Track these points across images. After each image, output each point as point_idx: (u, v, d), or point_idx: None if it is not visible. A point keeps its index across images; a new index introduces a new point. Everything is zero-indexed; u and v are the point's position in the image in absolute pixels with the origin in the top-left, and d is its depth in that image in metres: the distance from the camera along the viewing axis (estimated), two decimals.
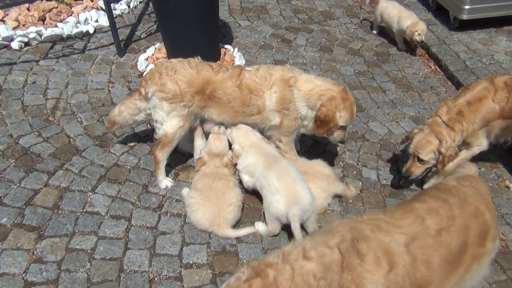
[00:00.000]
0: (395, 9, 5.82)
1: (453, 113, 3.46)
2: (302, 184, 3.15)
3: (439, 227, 2.19)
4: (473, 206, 2.35)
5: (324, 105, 3.31)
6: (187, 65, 3.37)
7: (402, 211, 2.28)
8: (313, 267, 1.94)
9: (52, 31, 5.24)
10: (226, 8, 6.35)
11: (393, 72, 5.40)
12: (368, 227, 2.14)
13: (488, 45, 5.74)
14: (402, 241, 2.08)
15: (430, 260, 2.08)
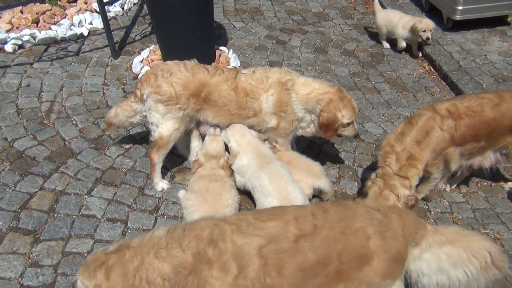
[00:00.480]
0: (396, 15, 5.74)
1: (403, 159, 3.16)
2: (293, 186, 3.16)
3: (300, 233, 2.06)
4: (357, 226, 2.12)
5: (324, 110, 3.34)
6: (183, 67, 3.37)
7: (272, 213, 2.18)
8: (161, 267, 1.95)
9: (46, 34, 5.22)
10: (220, 10, 6.36)
11: (388, 73, 5.43)
12: (230, 227, 2.07)
13: (481, 45, 5.78)
14: (256, 244, 2.00)
15: (282, 265, 2.00)
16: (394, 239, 2.12)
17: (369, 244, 2.06)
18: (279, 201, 3.05)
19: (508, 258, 2.46)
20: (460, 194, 3.90)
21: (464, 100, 3.28)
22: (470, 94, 3.43)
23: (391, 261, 2.08)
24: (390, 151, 3.22)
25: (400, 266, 2.14)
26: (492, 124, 3.21)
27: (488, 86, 4.99)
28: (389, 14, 5.76)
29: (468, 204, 3.81)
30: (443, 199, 3.82)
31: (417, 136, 3.17)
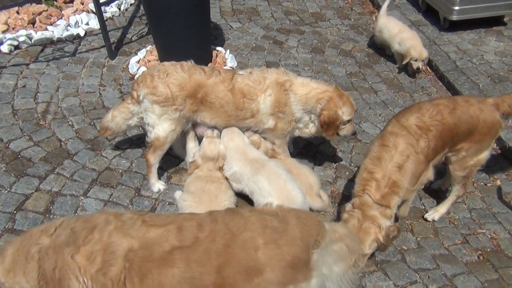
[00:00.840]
0: (397, 26, 5.39)
1: (384, 187, 2.87)
2: (293, 184, 3.16)
3: (178, 244, 1.99)
4: (245, 237, 2.03)
5: (325, 108, 3.37)
6: (179, 68, 3.36)
7: (162, 220, 2.11)
8: (42, 243, 2.00)
9: (42, 34, 5.20)
10: (217, 10, 6.35)
11: (385, 73, 5.43)
12: (117, 223, 2.03)
13: (478, 46, 5.79)
14: (126, 246, 1.96)
15: (146, 274, 1.93)
16: (290, 245, 2.05)
17: (257, 255, 1.99)
18: (280, 201, 3.05)
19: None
20: None
21: (423, 110, 3.10)
22: (423, 103, 3.20)
23: (287, 269, 2.02)
24: (369, 178, 2.92)
25: (301, 270, 2.08)
26: (454, 129, 3.09)
27: (485, 86, 5.00)
28: (390, 23, 5.44)
29: (465, 204, 3.81)
30: (439, 199, 3.82)
31: (398, 161, 2.91)
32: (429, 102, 3.25)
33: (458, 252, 3.38)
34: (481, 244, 3.47)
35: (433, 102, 3.21)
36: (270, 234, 2.06)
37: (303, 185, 3.39)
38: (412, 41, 5.13)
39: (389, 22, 5.45)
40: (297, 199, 3.07)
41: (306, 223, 2.18)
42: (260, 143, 3.56)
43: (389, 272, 3.17)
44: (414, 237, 3.46)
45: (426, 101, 3.28)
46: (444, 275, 3.19)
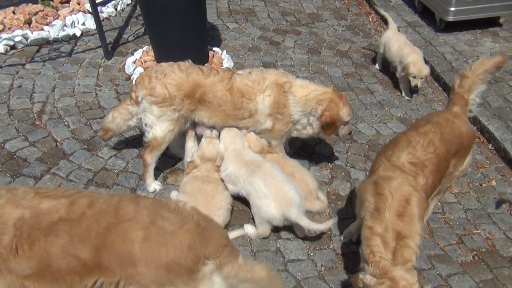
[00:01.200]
0: (397, 43, 5.05)
1: (390, 241, 2.49)
2: (289, 185, 3.16)
3: (65, 217, 2.03)
4: (126, 227, 2.03)
5: (327, 109, 3.42)
6: (177, 68, 3.37)
7: (58, 192, 2.14)
8: None
9: (38, 35, 5.19)
10: (214, 10, 6.35)
11: (381, 74, 5.44)
12: (9, 196, 2.07)
13: (473, 46, 5.81)
14: (17, 215, 2.00)
15: (34, 241, 1.98)
16: (172, 248, 2.01)
17: (133, 247, 1.99)
18: (277, 202, 3.06)
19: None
20: (452, 194, 3.92)
21: (413, 143, 2.86)
22: (410, 134, 2.94)
23: (162, 270, 2.01)
24: (371, 236, 2.56)
25: (181, 276, 2.04)
26: (448, 157, 2.91)
27: None
28: (392, 38, 5.12)
29: (460, 205, 3.83)
30: None
31: (397, 209, 2.57)
32: (415, 131, 2.97)
33: (453, 252, 3.39)
34: (476, 244, 3.48)
35: (419, 131, 2.95)
36: (154, 231, 2.04)
37: (303, 191, 3.38)
38: (412, 56, 4.81)
39: (392, 36, 5.15)
40: (294, 200, 3.08)
41: (204, 234, 2.12)
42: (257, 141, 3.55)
43: None
44: None
45: (412, 131, 3.00)
46: (439, 275, 3.21)
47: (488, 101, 4.80)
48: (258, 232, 3.22)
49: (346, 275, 3.12)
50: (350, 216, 3.57)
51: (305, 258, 3.21)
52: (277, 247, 3.26)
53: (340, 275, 3.12)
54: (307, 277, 3.08)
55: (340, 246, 3.33)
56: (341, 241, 3.36)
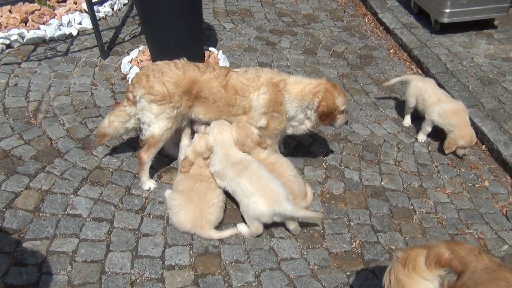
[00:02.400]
0: (435, 94, 4.40)
1: None
2: (275, 182, 3.17)
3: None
4: None
5: (324, 100, 3.43)
6: (173, 66, 3.38)
7: None
8: None
9: (35, 34, 5.19)
10: (210, 11, 6.37)
11: (376, 75, 5.47)
12: None
13: (468, 48, 5.85)
14: None
15: None
16: None
17: None
18: (264, 198, 3.07)
19: None
20: (445, 194, 3.94)
21: None
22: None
23: None
24: None
25: None
26: None
27: (474, 88, 5.05)
28: (427, 89, 4.45)
29: (453, 204, 3.85)
30: (428, 199, 3.86)
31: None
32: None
33: None
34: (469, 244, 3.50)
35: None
36: None
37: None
38: (457, 117, 4.21)
39: (425, 86, 4.49)
40: (280, 195, 3.09)
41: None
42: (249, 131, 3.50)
43: (377, 271, 3.19)
44: (402, 237, 3.49)
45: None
46: None
47: (482, 103, 4.83)
48: (251, 231, 3.24)
49: (338, 273, 3.14)
50: (344, 216, 3.60)
51: (298, 257, 3.23)
52: (270, 245, 3.28)
53: (332, 273, 3.14)
54: (300, 276, 3.09)
55: (333, 245, 3.35)
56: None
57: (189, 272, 3.02)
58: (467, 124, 4.21)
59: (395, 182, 3.99)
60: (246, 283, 3.01)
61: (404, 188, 3.96)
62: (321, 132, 4.43)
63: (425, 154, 4.37)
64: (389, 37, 6.29)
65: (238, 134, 3.43)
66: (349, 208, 3.68)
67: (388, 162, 4.21)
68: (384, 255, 3.33)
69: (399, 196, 3.86)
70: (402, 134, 4.58)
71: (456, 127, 4.18)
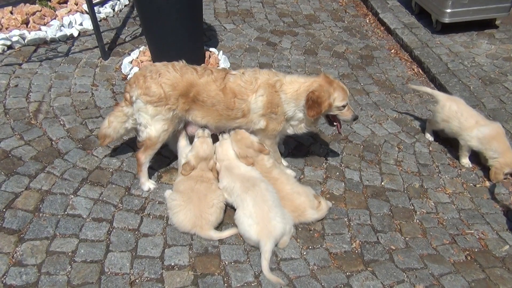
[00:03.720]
0: (471, 117, 4.12)
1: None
2: (276, 212, 3.14)
3: None
4: None
5: (315, 90, 3.36)
6: (171, 68, 3.38)
7: None
8: None
9: (36, 35, 5.21)
10: (211, 11, 6.37)
11: (377, 75, 5.46)
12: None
13: (469, 48, 5.83)
14: None
15: None
16: None
17: None
18: (258, 227, 3.09)
19: None
20: (445, 194, 3.93)
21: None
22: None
23: None
24: None
25: None
26: None
27: (476, 88, 5.04)
28: (462, 111, 4.17)
29: (454, 205, 3.84)
30: (428, 199, 3.85)
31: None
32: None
33: (446, 252, 3.40)
34: (469, 244, 3.49)
35: None
36: None
37: (294, 211, 3.36)
38: (499, 142, 3.98)
39: (458, 108, 4.19)
40: (276, 230, 3.09)
41: None
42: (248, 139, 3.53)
43: (377, 272, 3.18)
44: (402, 237, 3.48)
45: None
46: (431, 274, 3.21)
47: (483, 103, 4.82)
48: None
49: (338, 274, 3.13)
50: (344, 216, 3.59)
51: (298, 257, 3.22)
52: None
53: (332, 274, 3.13)
54: (300, 276, 3.09)
55: (333, 245, 3.34)
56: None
57: (189, 272, 3.01)
58: (510, 149, 3.95)
59: (395, 182, 3.98)
60: (246, 283, 3.00)
61: (404, 188, 3.94)
62: (321, 133, 4.43)
63: (426, 154, 4.36)
64: (390, 37, 6.28)
65: (239, 147, 3.47)
66: (349, 208, 3.67)
67: (389, 162, 4.20)
68: (384, 255, 3.32)
69: (400, 196, 3.85)
70: (403, 134, 4.57)
71: (499, 153, 3.93)
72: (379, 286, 3.08)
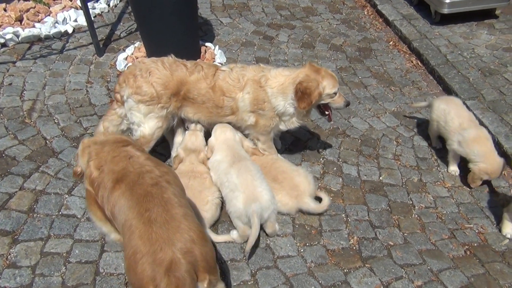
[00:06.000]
0: (458, 117, 3.93)
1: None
2: (261, 181, 3.13)
3: None
4: None
5: (303, 81, 3.29)
6: (161, 65, 3.33)
7: None
8: None
9: (30, 32, 5.15)
10: (207, 5, 6.30)
11: (375, 68, 5.40)
12: None
13: (469, 39, 5.75)
14: None
15: None
16: None
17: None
18: (245, 195, 3.04)
19: None
20: (445, 188, 3.89)
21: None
22: None
23: None
24: None
25: None
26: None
27: (475, 79, 4.97)
28: (450, 110, 4.00)
29: (453, 199, 3.80)
30: (427, 194, 3.81)
31: None
32: None
33: (445, 247, 3.36)
34: (468, 239, 3.45)
35: None
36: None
37: (288, 194, 3.37)
38: (487, 158, 3.72)
39: (448, 108, 4.02)
40: (263, 197, 3.06)
41: None
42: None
43: (375, 268, 3.15)
44: (401, 233, 3.44)
45: None
46: (430, 270, 3.18)
47: (482, 94, 4.75)
48: (239, 234, 3.18)
49: (335, 271, 3.10)
50: (341, 212, 3.55)
51: (295, 255, 3.19)
52: (267, 243, 3.24)
53: (330, 271, 3.10)
54: (297, 274, 3.06)
55: (330, 242, 3.30)
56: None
57: None
58: (493, 155, 3.73)
59: (394, 177, 3.93)
60: (242, 281, 2.97)
61: (403, 182, 3.90)
62: (318, 127, 4.38)
63: (425, 147, 4.31)
64: (388, 29, 6.20)
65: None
66: (347, 204, 3.63)
67: (387, 156, 4.15)
68: (383, 251, 3.28)
69: (398, 191, 3.80)
70: (402, 127, 4.51)
71: (481, 159, 3.73)
72: (377, 283, 3.05)
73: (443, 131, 4.02)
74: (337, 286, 3.01)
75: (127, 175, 2.35)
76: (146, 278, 2.01)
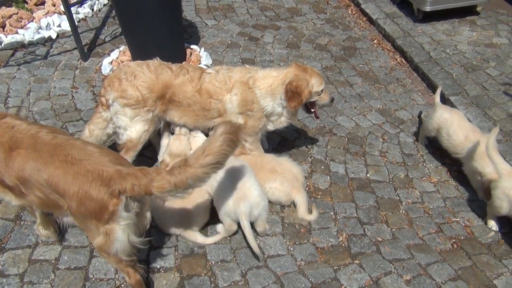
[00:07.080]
0: (463, 130, 3.82)
1: None
2: (251, 179, 3.14)
3: None
4: None
5: (292, 80, 3.34)
6: (146, 69, 3.32)
7: None
8: None
9: (13, 38, 5.11)
10: (192, 8, 6.30)
11: (360, 66, 5.44)
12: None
13: (451, 36, 5.83)
14: None
15: None
16: None
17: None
18: (234, 193, 3.05)
19: None
20: (431, 183, 3.94)
21: None
22: None
23: None
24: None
25: None
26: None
27: (458, 75, 5.05)
28: (453, 121, 3.90)
29: (439, 193, 3.85)
30: (414, 189, 3.85)
31: None
32: None
33: (432, 241, 3.41)
34: (455, 232, 3.50)
35: None
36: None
37: (289, 180, 3.43)
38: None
39: (451, 118, 3.92)
40: (252, 195, 3.07)
41: None
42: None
43: (364, 264, 3.18)
44: (389, 228, 3.48)
45: None
46: (418, 264, 3.22)
47: (465, 90, 4.83)
48: (225, 229, 3.20)
49: (325, 268, 3.12)
50: (330, 209, 3.58)
51: (285, 253, 3.21)
52: (256, 243, 3.25)
53: (320, 268, 3.12)
54: (287, 272, 3.07)
55: (319, 240, 3.33)
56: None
57: (175, 274, 2.99)
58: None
59: (380, 174, 3.98)
60: (233, 282, 2.98)
61: (390, 179, 3.95)
62: (305, 126, 4.41)
63: (411, 143, 4.36)
64: (372, 27, 6.27)
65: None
66: (335, 201, 3.66)
67: (374, 153, 4.20)
68: (371, 247, 3.32)
69: (385, 187, 3.85)
70: (387, 124, 4.56)
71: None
72: (366, 279, 3.08)
73: (446, 143, 3.94)
74: (327, 283, 3.04)
75: (19, 141, 2.41)
76: (105, 195, 2.24)
